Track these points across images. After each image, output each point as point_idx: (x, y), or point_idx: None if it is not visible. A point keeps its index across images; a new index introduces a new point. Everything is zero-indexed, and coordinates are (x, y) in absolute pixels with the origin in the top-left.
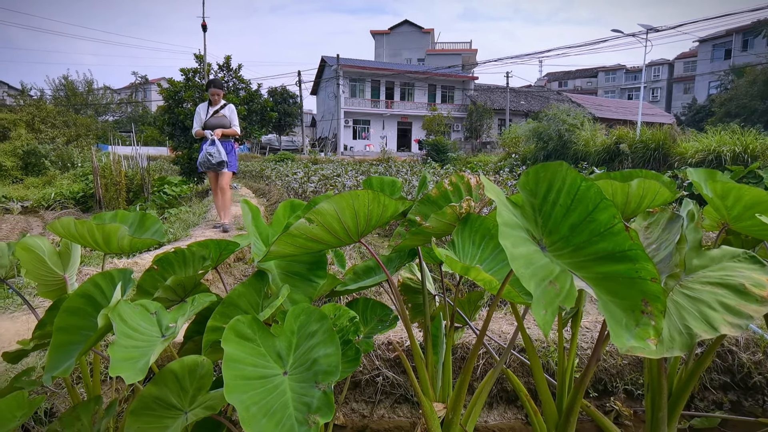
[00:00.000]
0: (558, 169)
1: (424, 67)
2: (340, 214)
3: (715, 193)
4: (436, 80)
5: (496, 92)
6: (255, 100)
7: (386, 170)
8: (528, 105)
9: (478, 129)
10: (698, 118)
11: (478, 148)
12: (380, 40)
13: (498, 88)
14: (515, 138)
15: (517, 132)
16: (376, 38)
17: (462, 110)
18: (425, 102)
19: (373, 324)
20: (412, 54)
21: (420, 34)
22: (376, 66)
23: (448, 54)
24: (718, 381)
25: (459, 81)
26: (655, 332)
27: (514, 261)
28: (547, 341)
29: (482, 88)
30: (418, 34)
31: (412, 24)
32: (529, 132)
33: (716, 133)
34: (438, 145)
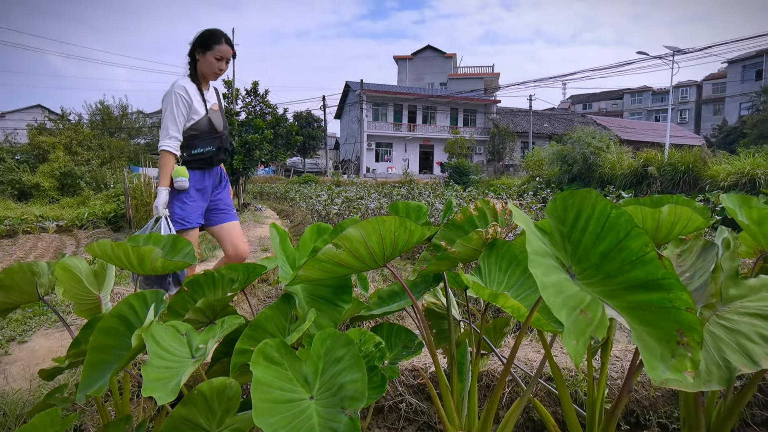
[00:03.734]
0: (587, 196)
1: (446, 91)
2: (366, 240)
3: (751, 220)
4: (458, 104)
5: (519, 115)
6: (281, 124)
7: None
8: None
9: (500, 152)
10: (729, 140)
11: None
12: (403, 65)
13: (521, 111)
14: (539, 161)
15: (541, 155)
16: (399, 63)
17: (484, 133)
18: (447, 125)
19: (398, 350)
20: (434, 78)
21: (442, 59)
22: (398, 90)
23: (470, 78)
24: (760, 417)
25: (481, 104)
26: (692, 364)
27: (544, 290)
28: (576, 370)
29: (505, 111)
30: (441, 58)
31: (434, 49)
32: (553, 155)
33: (749, 156)
34: (460, 168)
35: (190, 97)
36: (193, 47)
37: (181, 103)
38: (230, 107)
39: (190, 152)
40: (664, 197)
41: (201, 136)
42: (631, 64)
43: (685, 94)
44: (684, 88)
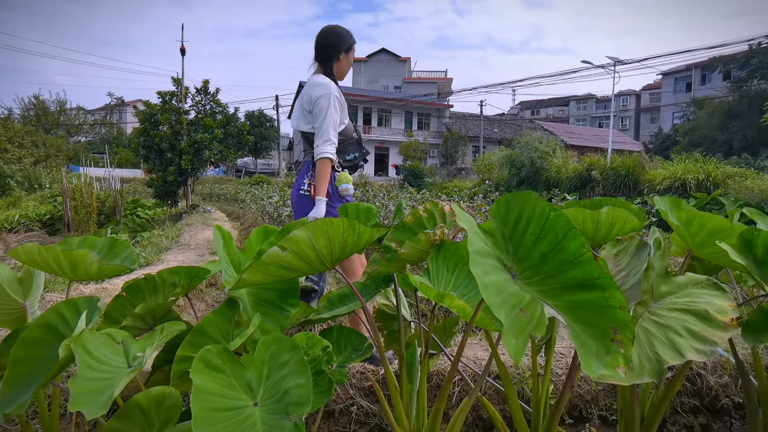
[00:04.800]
0: (528, 198)
1: (401, 95)
2: (314, 242)
3: (680, 221)
4: (412, 107)
5: (471, 120)
6: (232, 123)
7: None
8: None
9: (453, 155)
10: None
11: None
12: (358, 67)
13: (472, 116)
14: (489, 165)
15: (491, 159)
16: (354, 65)
17: (438, 137)
18: (402, 128)
19: (347, 353)
20: (389, 81)
21: (397, 62)
22: (353, 92)
23: (424, 82)
24: (688, 404)
25: (435, 108)
26: (624, 360)
27: (485, 289)
28: (522, 368)
29: (457, 116)
30: (395, 62)
31: (389, 52)
32: (503, 159)
33: (681, 162)
34: (415, 171)
35: (342, 99)
36: (337, 47)
37: (339, 106)
38: (178, 105)
39: (344, 158)
40: (604, 200)
41: (347, 141)
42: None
43: (625, 102)
44: (625, 97)
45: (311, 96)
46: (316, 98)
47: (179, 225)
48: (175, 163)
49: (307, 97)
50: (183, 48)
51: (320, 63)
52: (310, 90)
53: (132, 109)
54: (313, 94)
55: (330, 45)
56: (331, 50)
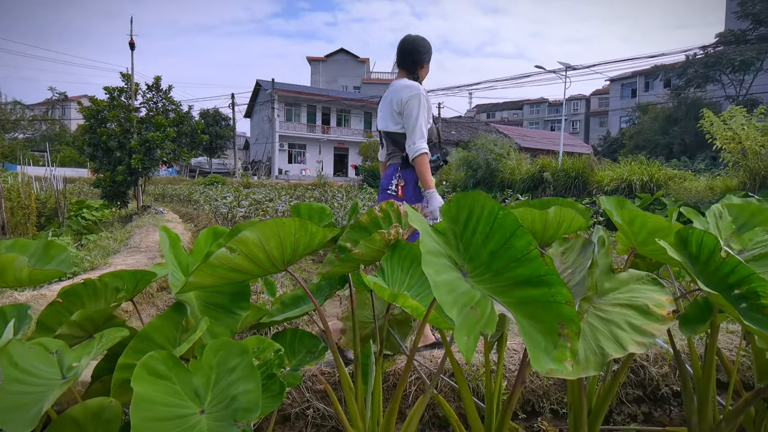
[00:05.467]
0: (477, 197)
1: (360, 95)
2: (264, 243)
3: (623, 220)
4: (371, 108)
5: None
6: (185, 121)
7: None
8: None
9: None
10: (612, 149)
11: None
12: (316, 67)
13: None
14: (447, 166)
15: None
16: (313, 64)
17: None
18: (362, 128)
19: (301, 355)
20: (348, 81)
21: (356, 63)
22: (312, 92)
23: (384, 83)
24: (632, 395)
25: None
26: (571, 354)
27: (436, 288)
28: (477, 365)
29: None
30: (354, 62)
31: (347, 52)
32: (460, 160)
33: (627, 164)
34: (374, 171)
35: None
36: (422, 55)
37: (428, 108)
38: (128, 103)
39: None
40: (552, 200)
41: (431, 143)
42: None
43: (576, 106)
44: (575, 101)
45: (401, 98)
46: (406, 100)
47: (129, 227)
48: (125, 163)
49: (397, 99)
50: (132, 42)
51: (404, 69)
52: (400, 92)
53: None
54: (404, 96)
55: (416, 53)
56: (417, 57)
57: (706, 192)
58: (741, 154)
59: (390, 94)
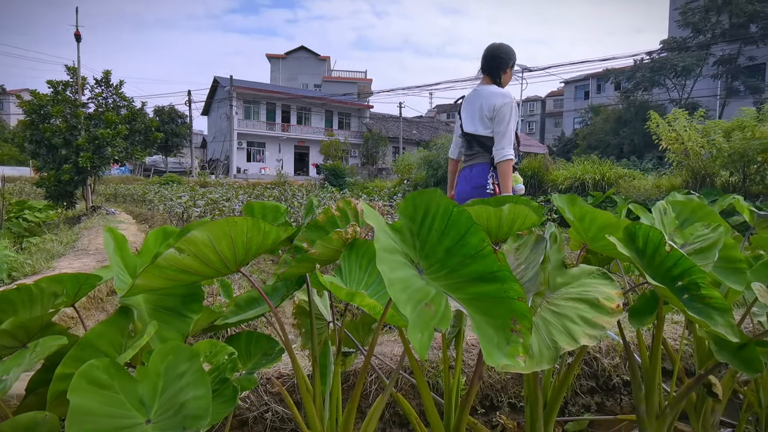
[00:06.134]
0: (433, 195)
1: (320, 93)
2: (215, 243)
3: (574, 217)
4: (332, 106)
5: (390, 121)
6: (138, 119)
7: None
8: (419, 134)
9: (374, 155)
10: (566, 149)
11: (374, 174)
12: (276, 64)
13: (392, 117)
14: (408, 165)
15: (410, 159)
16: (272, 62)
17: (358, 137)
18: (322, 127)
19: (257, 358)
20: (308, 79)
21: (316, 61)
22: (271, 89)
23: (344, 82)
24: (586, 386)
25: (355, 108)
26: (524, 349)
27: (391, 286)
28: (437, 361)
29: (377, 117)
30: (315, 60)
31: (308, 50)
32: (421, 160)
33: (581, 163)
34: (336, 170)
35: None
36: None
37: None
38: (75, 98)
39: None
40: (506, 197)
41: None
42: None
43: (532, 107)
44: (532, 102)
45: (493, 104)
46: (500, 106)
47: (77, 228)
48: (71, 161)
49: (489, 105)
50: (78, 33)
51: (489, 74)
52: (492, 99)
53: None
54: (496, 103)
55: (500, 59)
56: (501, 64)
57: (653, 190)
58: (684, 154)
59: (479, 98)
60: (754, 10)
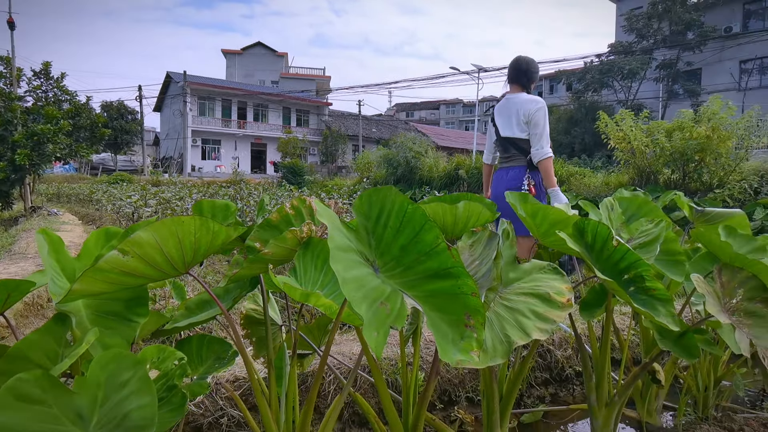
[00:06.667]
0: (388, 193)
1: (278, 90)
2: (161, 244)
3: (527, 213)
4: (290, 103)
5: (350, 119)
6: (83, 114)
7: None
8: (379, 132)
9: (333, 153)
10: None
11: (334, 172)
12: (232, 60)
13: (351, 115)
14: (368, 163)
15: (370, 158)
16: (228, 57)
17: (317, 134)
18: (280, 124)
19: (209, 362)
20: (265, 76)
21: (274, 57)
22: (227, 85)
23: (302, 78)
24: (541, 378)
25: (314, 105)
26: (477, 344)
27: (345, 285)
28: (395, 359)
29: (336, 114)
30: (272, 56)
31: (265, 46)
32: (380, 158)
33: None
34: (294, 168)
35: None
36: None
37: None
38: (9, 90)
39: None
40: (461, 195)
41: None
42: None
43: (488, 107)
44: (488, 102)
45: (529, 110)
46: (534, 111)
47: (14, 230)
48: (6, 158)
49: (524, 110)
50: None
51: (518, 84)
52: (526, 104)
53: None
54: (531, 108)
55: (529, 72)
56: (531, 75)
57: (602, 187)
58: (630, 153)
59: (514, 105)
60: (690, 18)
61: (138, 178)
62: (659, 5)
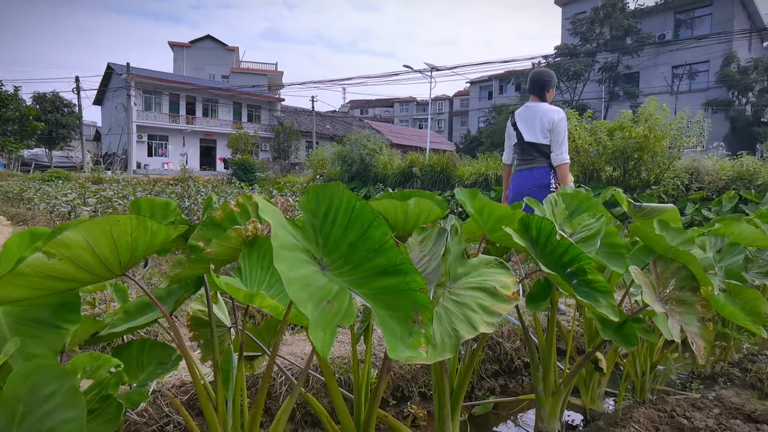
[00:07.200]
0: (336, 189)
1: (228, 84)
2: (93, 245)
3: (474, 209)
4: (241, 99)
5: (303, 115)
6: (10, 106)
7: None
8: (333, 129)
9: (286, 150)
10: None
11: (287, 169)
12: (180, 53)
13: (305, 111)
14: (322, 160)
15: (324, 155)
16: (176, 50)
17: (269, 130)
18: (230, 120)
19: (151, 368)
20: (215, 70)
21: (224, 51)
22: (175, 79)
23: (254, 73)
24: (491, 370)
25: (266, 101)
26: (425, 340)
27: (290, 284)
28: (348, 357)
29: (289, 110)
30: (222, 50)
31: (215, 39)
32: (335, 155)
33: (484, 160)
34: (245, 165)
35: None
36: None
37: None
38: None
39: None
40: (413, 192)
41: None
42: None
43: (441, 106)
44: (440, 101)
45: (553, 119)
46: (557, 120)
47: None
48: None
49: (548, 119)
50: None
51: (536, 95)
52: (549, 114)
53: None
54: (555, 118)
55: (546, 82)
56: (545, 86)
57: None
58: (575, 151)
59: (536, 114)
60: (629, 24)
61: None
62: (601, 11)
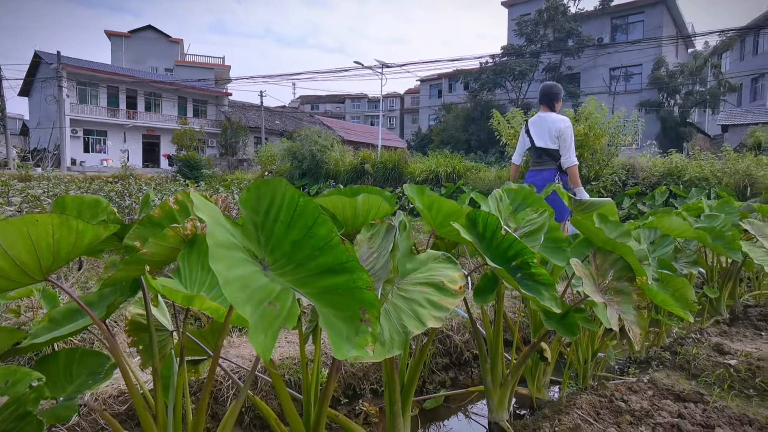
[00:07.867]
0: (278, 184)
1: (172, 78)
2: (6, 248)
3: (423, 205)
4: (186, 93)
5: (251, 110)
6: None
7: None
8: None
9: (234, 146)
10: (423, 144)
11: (234, 166)
12: (118, 43)
13: (253, 106)
14: (271, 156)
15: (273, 150)
16: (113, 40)
17: (216, 126)
18: (175, 115)
19: (81, 379)
20: (158, 62)
21: (167, 43)
22: (113, 71)
23: (199, 67)
24: (441, 363)
25: (212, 96)
26: (372, 338)
27: (227, 285)
28: (298, 357)
29: (237, 105)
30: (165, 42)
31: (157, 30)
32: (284, 151)
33: (435, 157)
34: (191, 162)
35: None
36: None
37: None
38: None
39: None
40: (361, 188)
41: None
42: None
43: (392, 103)
44: (392, 99)
45: (560, 127)
46: (564, 129)
47: None
48: None
49: (555, 127)
50: None
51: (547, 105)
52: (557, 123)
53: None
54: (561, 126)
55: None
56: (554, 97)
57: (496, 181)
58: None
59: (546, 123)
60: (570, 27)
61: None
62: (545, 13)
